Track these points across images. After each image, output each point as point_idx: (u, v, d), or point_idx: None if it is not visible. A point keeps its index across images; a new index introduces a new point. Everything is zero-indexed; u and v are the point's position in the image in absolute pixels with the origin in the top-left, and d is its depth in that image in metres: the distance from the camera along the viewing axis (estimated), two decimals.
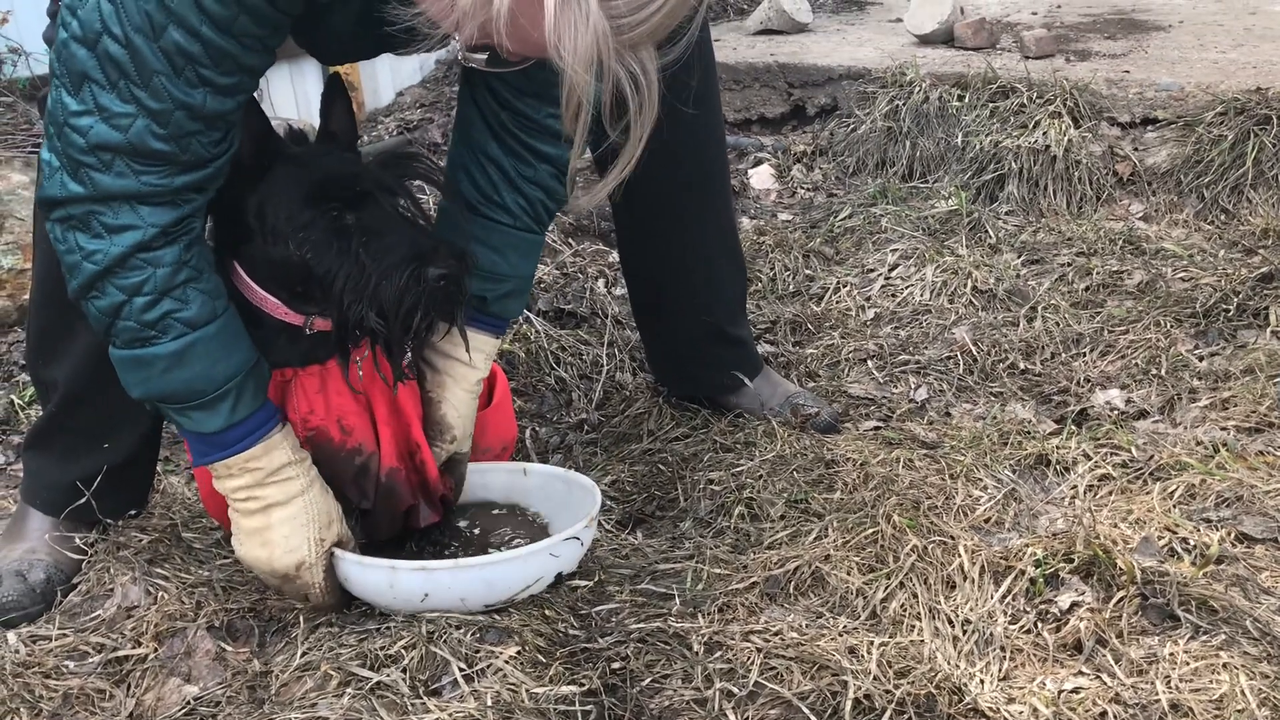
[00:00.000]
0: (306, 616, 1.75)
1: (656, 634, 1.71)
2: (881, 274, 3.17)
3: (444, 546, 1.85)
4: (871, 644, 1.65)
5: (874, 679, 1.58)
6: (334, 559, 1.71)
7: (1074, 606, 1.71)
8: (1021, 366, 2.64)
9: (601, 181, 1.46)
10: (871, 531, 1.90)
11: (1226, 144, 3.47)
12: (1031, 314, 2.88)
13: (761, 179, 4.01)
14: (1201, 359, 2.59)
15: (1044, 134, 3.61)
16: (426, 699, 1.55)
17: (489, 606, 1.71)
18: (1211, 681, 1.56)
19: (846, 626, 1.71)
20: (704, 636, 1.70)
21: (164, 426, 2.07)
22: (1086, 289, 3.02)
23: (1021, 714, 1.52)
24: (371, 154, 1.76)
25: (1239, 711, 1.51)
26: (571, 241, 3.24)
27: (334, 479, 1.73)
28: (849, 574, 1.82)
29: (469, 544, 1.86)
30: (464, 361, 1.79)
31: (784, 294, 3.13)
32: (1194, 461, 2.10)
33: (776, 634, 1.69)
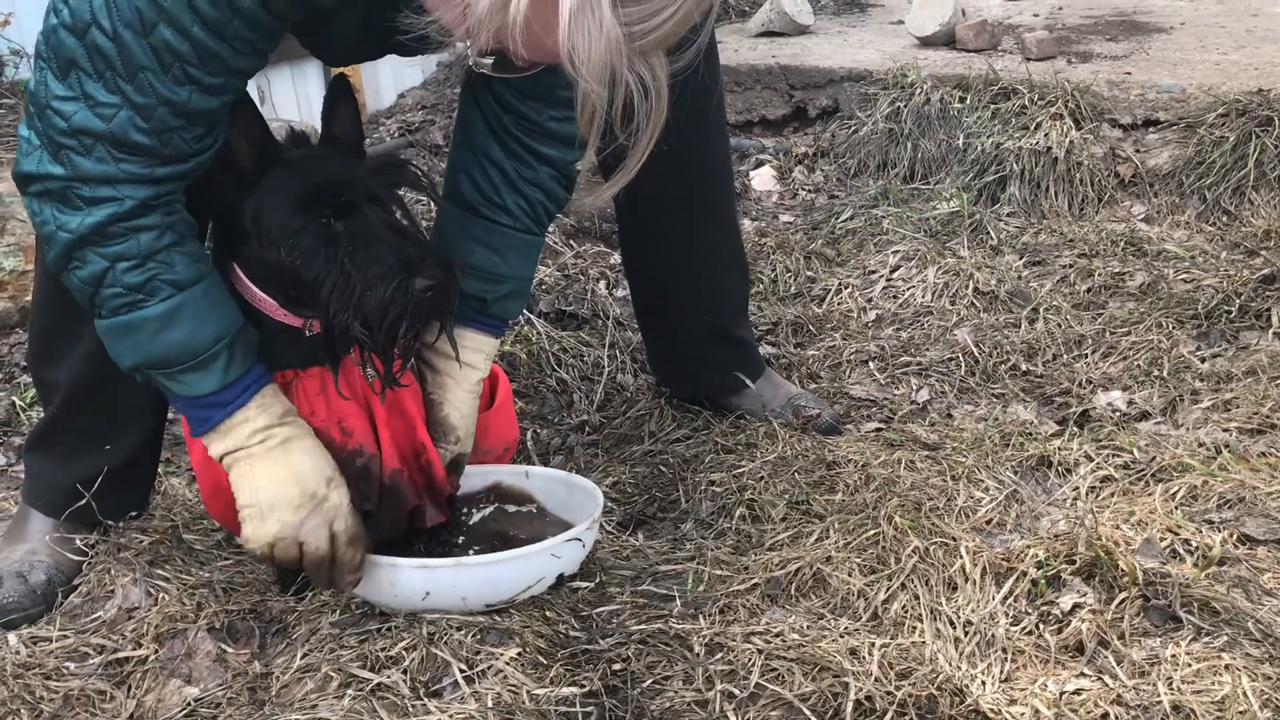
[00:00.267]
0: (307, 618, 1.75)
1: (657, 635, 1.71)
2: (883, 275, 3.17)
3: (453, 545, 1.85)
4: (873, 645, 1.64)
5: (875, 680, 1.57)
6: None
7: (1076, 608, 1.71)
8: (1023, 368, 2.64)
9: (607, 183, 1.46)
10: (873, 533, 1.90)
11: (1228, 145, 3.47)
12: (1033, 315, 2.88)
13: (763, 180, 4.01)
14: (1203, 360, 2.58)
15: (1045, 136, 3.61)
16: (427, 700, 1.55)
17: (490, 606, 1.70)
18: (1213, 683, 1.56)
19: (848, 628, 1.71)
20: (705, 638, 1.69)
21: (165, 428, 2.07)
22: (1088, 290, 3.02)
23: (1023, 715, 1.51)
24: (374, 155, 1.76)
25: (1241, 713, 1.50)
26: (573, 243, 3.24)
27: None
28: (850, 575, 1.82)
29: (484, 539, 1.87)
30: (464, 362, 1.78)
31: (785, 295, 3.13)
32: (1196, 463, 2.10)
33: (778, 635, 1.69)
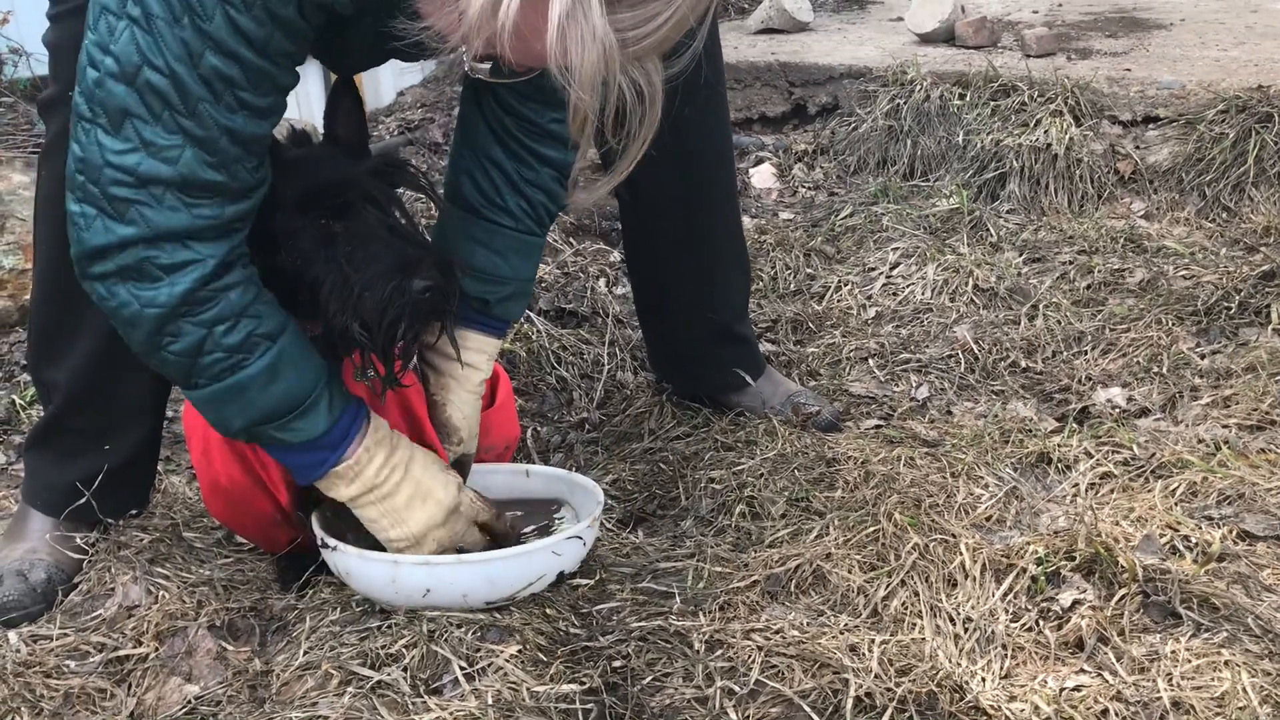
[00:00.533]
0: (307, 615, 1.75)
1: (657, 632, 1.71)
2: (883, 272, 3.17)
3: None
4: (873, 642, 1.64)
5: (875, 677, 1.57)
6: (336, 553, 1.70)
7: (1075, 604, 1.70)
8: (1023, 365, 2.64)
9: (600, 181, 1.46)
10: (873, 530, 1.90)
11: (1228, 142, 3.46)
12: (1033, 312, 2.88)
13: (763, 178, 4.01)
14: (1203, 357, 2.58)
15: (1045, 132, 3.60)
16: (427, 698, 1.55)
17: (490, 603, 1.70)
18: (1213, 679, 1.56)
19: (848, 624, 1.71)
20: (705, 635, 1.69)
21: (165, 426, 2.07)
22: (1088, 287, 3.02)
23: (1023, 712, 1.51)
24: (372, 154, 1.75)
25: (1240, 709, 1.50)
26: (573, 241, 3.24)
27: None
28: (850, 572, 1.82)
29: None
30: (466, 363, 1.78)
31: (785, 293, 3.13)
32: (1195, 459, 2.10)
33: (778, 632, 1.69)
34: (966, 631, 1.68)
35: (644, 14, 1.22)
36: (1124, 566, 1.75)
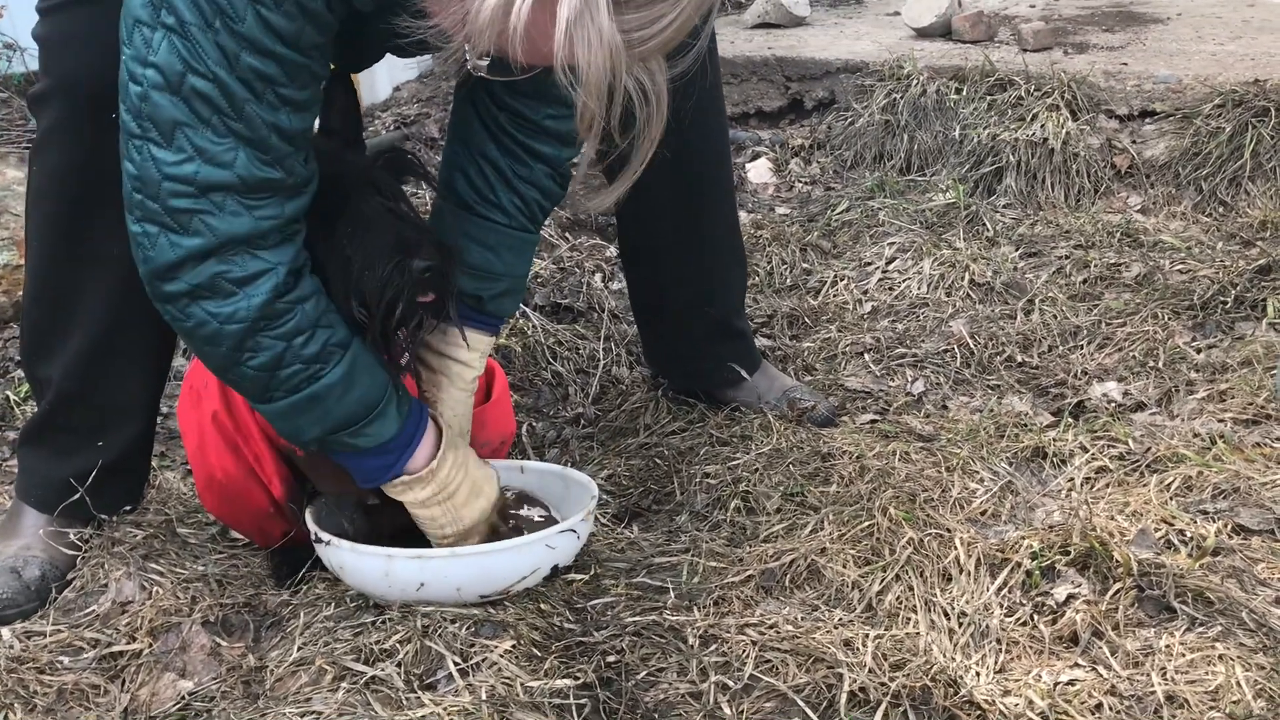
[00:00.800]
0: (301, 611, 1.75)
1: (652, 627, 1.71)
2: (879, 267, 3.16)
3: None
4: (867, 636, 1.64)
5: (869, 671, 1.57)
6: (329, 548, 1.70)
7: (1070, 599, 1.70)
8: (1019, 359, 2.64)
9: (610, 187, 1.46)
10: (867, 524, 1.90)
11: (1224, 136, 3.46)
12: (1029, 307, 2.88)
13: (759, 173, 4.01)
14: (1199, 351, 2.58)
15: (1042, 127, 3.60)
16: (421, 693, 1.55)
17: (484, 597, 1.70)
18: (1207, 673, 1.56)
19: (842, 619, 1.71)
20: (699, 629, 1.69)
21: (159, 422, 2.06)
22: (1084, 282, 3.02)
23: (1017, 706, 1.51)
24: (369, 149, 1.75)
25: (1235, 703, 1.50)
26: (569, 236, 3.24)
27: (341, 475, 1.73)
28: (845, 567, 1.81)
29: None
30: (459, 360, 1.78)
31: (781, 288, 3.13)
32: (1191, 454, 2.10)
33: (772, 627, 1.69)
34: (961, 626, 1.68)
35: (650, 15, 1.23)
36: (1119, 561, 1.75)
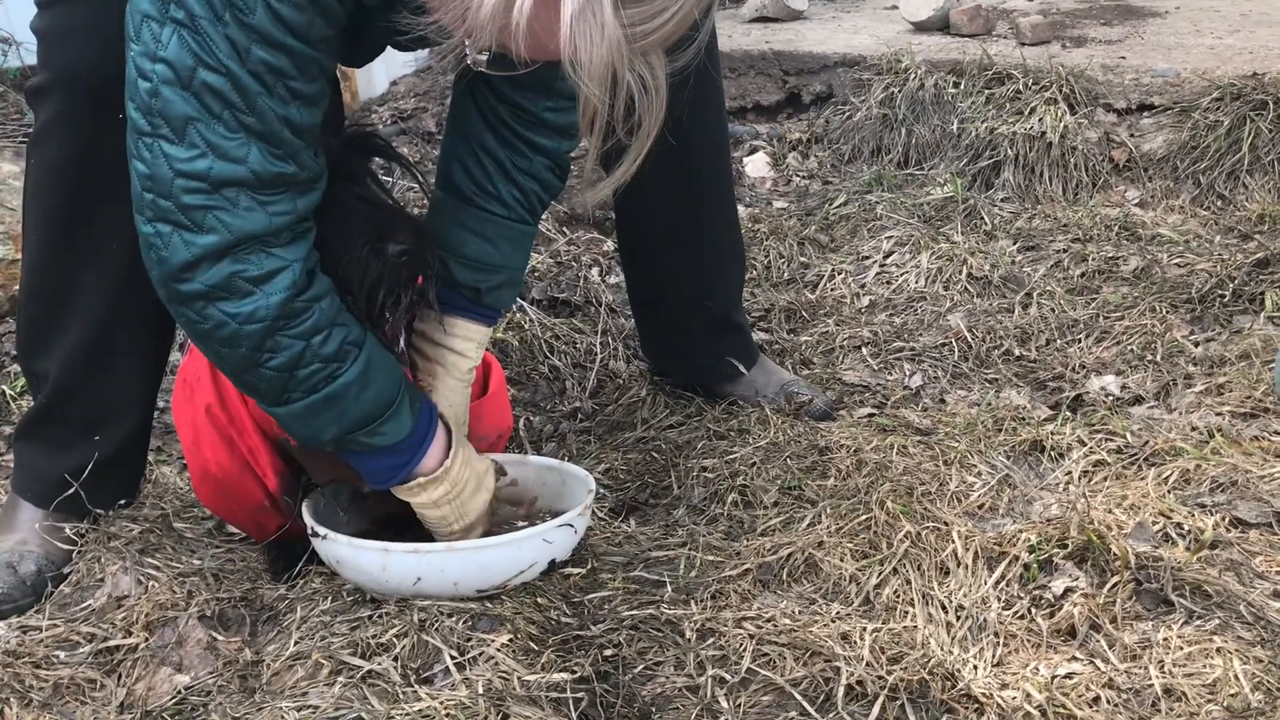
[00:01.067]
0: (298, 605, 1.75)
1: (649, 621, 1.71)
2: (876, 261, 3.16)
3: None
4: (864, 630, 1.64)
5: (867, 665, 1.57)
6: (326, 542, 1.70)
7: (1068, 592, 1.70)
8: (1016, 353, 2.64)
9: (606, 179, 1.46)
10: (865, 518, 1.90)
11: (1222, 130, 3.46)
12: (1027, 300, 2.87)
13: (757, 167, 4.00)
14: (1197, 345, 2.58)
15: (1040, 120, 3.59)
16: (418, 687, 1.54)
17: (482, 591, 1.70)
18: (1205, 666, 1.56)
19: (839, 613, 1.70)
20: (697, 623, 1.69)
21: (155, 417, 2.06)
22: (1082, 275, 3.01)
23: (1015, 700, 1.51)
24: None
25: (1232, 695, 1.50)
26: (566, 230, 3.23)
27: (337, 463, 1.73)
28: (842, 560, 1.81)
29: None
30: (455, 350, 1.78)
31: (779, 282, 3.12)
32: (1188, 447, 2.10)
33: (769, 621, 1.69)
34: (958, 619, 1.68)
35: (651, 9, 1.23)
36: (1116, 554, 1.75)
